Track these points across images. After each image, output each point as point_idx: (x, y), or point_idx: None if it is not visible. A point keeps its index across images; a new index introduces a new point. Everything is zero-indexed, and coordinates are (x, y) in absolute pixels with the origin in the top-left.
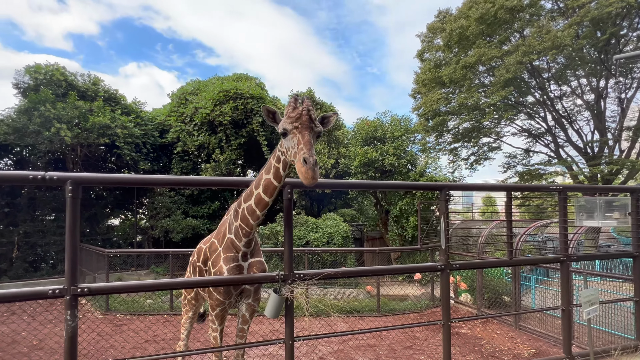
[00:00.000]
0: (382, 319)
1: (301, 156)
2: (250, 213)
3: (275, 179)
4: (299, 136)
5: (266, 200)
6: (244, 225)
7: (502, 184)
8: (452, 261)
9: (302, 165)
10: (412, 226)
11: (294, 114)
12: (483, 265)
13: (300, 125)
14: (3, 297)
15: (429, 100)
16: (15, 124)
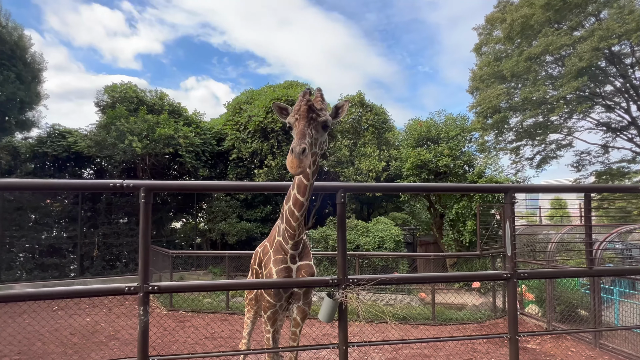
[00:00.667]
0: (438, 328)
1: (290, 146)
2: (290, 214)
3: (305, 178)
4: (296, 127)
5: (301, 200)
6: (288, 227)
7: (580, 184)
8: (517, 269)
9: (290, 154)
10: (470, 231)
11: (297, 106)
12: (558, 274)
13: (298, 117)
14: (89, 292)
15: (487, 96)
16: (96, 137)
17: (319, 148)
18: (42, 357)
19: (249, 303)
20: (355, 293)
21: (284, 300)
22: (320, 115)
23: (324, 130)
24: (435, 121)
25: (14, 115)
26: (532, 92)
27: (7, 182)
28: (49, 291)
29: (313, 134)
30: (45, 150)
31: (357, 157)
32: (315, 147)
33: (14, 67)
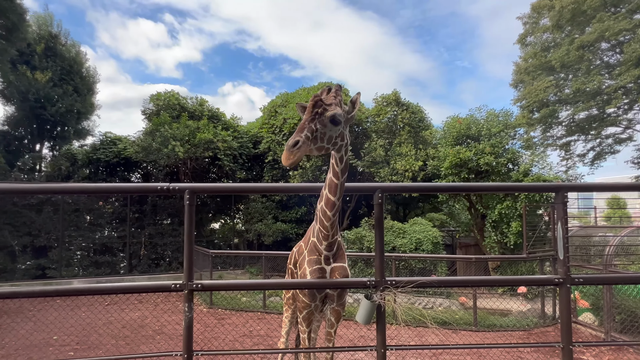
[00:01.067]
0: (480, 334)
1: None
2: (322, 214)
3: (334, 176)
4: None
5: (332, 200)
6: (321, 228)
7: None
8: (571, 274)
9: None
10: (515, 232)
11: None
12: (619, 281)
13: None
14: (140, 289)
15: (534, 89)
16: (142, 143)
17: (328, 142)
18: (98, 347)
19: (286, 302)
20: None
21: (319, 301)
22: (327, 109)
23: (333, 124)
24: (476, 117)
25: (72, 125)
26: (585, 82)
27: (72, 186)
28: (104, 287)
29: (318, 128)
30: (99, 156)
31: (392, 157)
32: (321, 141)
33: (72, 81)
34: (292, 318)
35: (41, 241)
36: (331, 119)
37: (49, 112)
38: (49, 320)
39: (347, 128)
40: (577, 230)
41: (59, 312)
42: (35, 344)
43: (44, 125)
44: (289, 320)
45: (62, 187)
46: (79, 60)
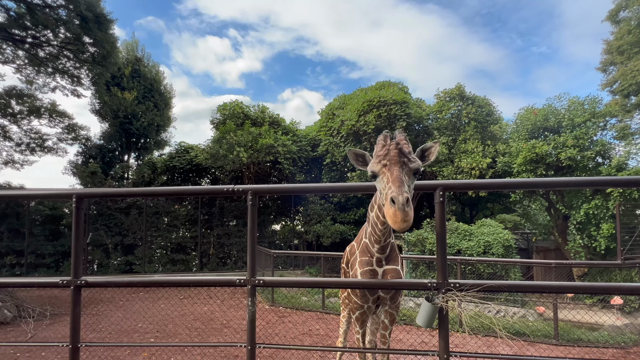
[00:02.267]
0: (562, 348)
1: (388, 195)
2: (375, 222)
3: (378, 220)
4: (387, 174)
5: (382, 219)
6: (373, 232)
7: None
8: None
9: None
10: (606, 235)
11: (382, 151)
12: None
13: (388, 162)
14: (208, 282)
15: (629, 70)
16: (211, 150)
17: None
18: (174, 336)
19: (343, 302)
20: (457, 298)
21: (371, 302)
22: (411, 160)
23: (414, 177)
24: (555, 107)
25: (152, 137)
26: None
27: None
28: (179, 279)
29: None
30: (174, 164)
31: (456, 155)
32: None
33: (152, 98)
34: (349, 318)
35: (129, 240)
36: (414, 172)
37: (134, 127)
38: (135, 309)
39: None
40: None
41: (143, 303)
42: (124, 330)
43: (130, 138)
44: (345, 320)
45: (145, 191)
46: (158, 79)
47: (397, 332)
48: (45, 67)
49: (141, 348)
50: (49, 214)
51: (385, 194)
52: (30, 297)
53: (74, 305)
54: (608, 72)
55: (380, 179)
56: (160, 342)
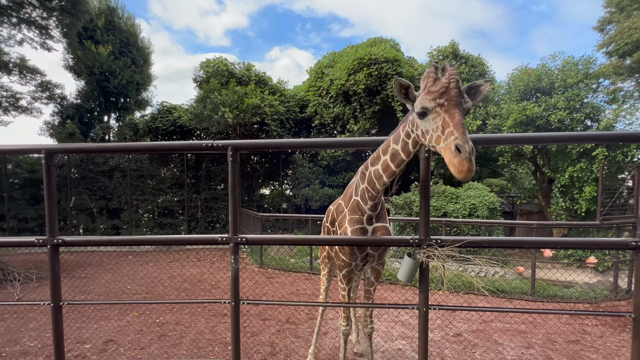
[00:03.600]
0: (538, 304)
1: (452, 143)
2: (377, 177)
3: (404, 153)
4: (444, 116)
5: (393, 169)
6: (370, 189)
7: None
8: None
9: (455, 154)
10: (588, 198)
11: (436, 87)
12: None
13: (446, 103)
14: (192, 241)
15: (626, 28)
16: (195, 111)
17: None
18: (163, 296)
19: (322, 261)
20: (437, 253)
21: (359, 260)
22: (465, 100)
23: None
24: (549, 68)
25: (132, 97)
26: None
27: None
28: (160, 238)
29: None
30: (157, 125)
31: None
32: None
33: (129, 53)
34: (329, 276)
35: (114, 204)
36: (466, 113)
37: (112, 85)
38: (124, 272)
39: None
40: None
41: (132, 266)
42: (113, 292)
43: (109, 97)
44: (326, 278)
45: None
46: (134, 32)
47: (382, 291)
48: (8, 17)
49: (131, 308)
50: (28, 177)
51: (447, 141)
52: (16, 262)
53: (52, 264)
54: (605, 32)
55: (431, 118)
56: (144, 300)
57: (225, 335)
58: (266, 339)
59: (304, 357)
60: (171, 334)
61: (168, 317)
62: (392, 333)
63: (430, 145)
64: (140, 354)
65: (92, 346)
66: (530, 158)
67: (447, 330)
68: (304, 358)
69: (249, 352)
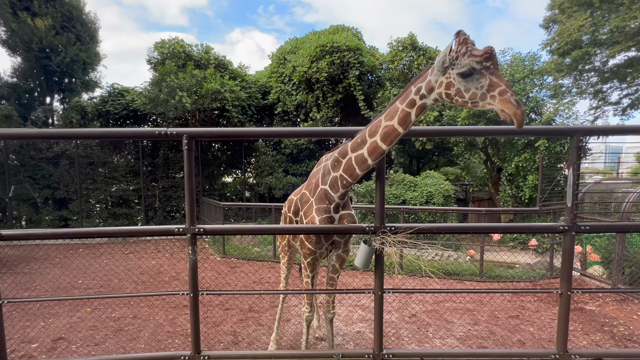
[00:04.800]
0: (485, 284)
1: (511, 98)
2: (359, 162)
3: (402, 125)
4: (491, 78)
5: (382, 149)
6: (347, 176)
7: None
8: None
9: (516, 107)
10: (531, 186)
11: (480, 52)
12: (627, 228)
13: (492, 66)
14: (147, 232)
15: (567, 29)
16: (149, 94)
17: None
18: (119, 290)
19: (282, 250)
20: (391, 240)
21: (324, 248)
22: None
23: None
24: (499, 62)
25: (78, 77)
26: (625, 19)
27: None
28: (119, 230)
29: None
30: (108, 108)
31: None
32: None
33: (73, 29)
34: (289, 264)
35: (61, 193)
36: None
37: (54, 63)
38: (74, 266)
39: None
40: (592, 185)
41: (83, 259)
42: (62, 287)
43: (51, 76)
44: (286, 267)
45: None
46: (77, 6)
47: (345, 277)
48: None
49: (83, 304)
50: None
51: (501, 97)
52: None
53: None
54: (549, 30)
55: (476, 78)
56: (97, 295)
57: (186, 327)
58: (228, 329)
59: (267, 344)
60: (128, 328)
61: (124, 311)
62: (352, 317)
63: (467, 101)
64: (95, 350)
65: (39, 345)
66: (482, 148)
67: (403, 312)
68: (267, 345)
69: (211, 342)
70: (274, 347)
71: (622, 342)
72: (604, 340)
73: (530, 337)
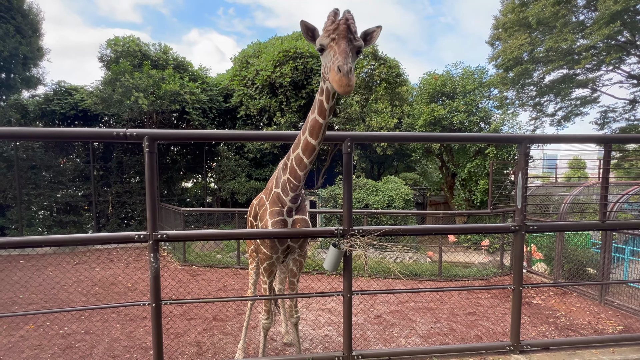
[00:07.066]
0: (444, 283)
1: (335, 65)
2: (297, 162)
3: (320, 115)
4: (335, 48)
5: (313, 144)
6: (292, 178)
7: (600, 134)
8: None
9: (336, 73)
10: (482, 190)
11: (331, 26)
12: (568, 227)
13: (337, 36)
14: (102, 239)
15: (509, 47)
16: (102, 94)
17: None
18: (67, 304)
19: (250, 255)
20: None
21: (280, 252)
22: (356, 38)
23: (356, 56)
24: (452, 74)
25: (18, 72)
26: (558, 41)
27: (20, 130)
28: (72, 237)
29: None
30: (53, 108)
31: (368, 114)
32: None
33: (12, 20)
34: (258, 269)
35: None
36: (357, 51)
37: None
38: (13, 280)
39: None
40: (535, 189)
41: (24, 272)
42: (0, 303)
43: None
44: (254, 272)
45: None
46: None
47: (310, 281)
48: None
49: (25, 320)
50: None
51: (332, 64)
52: None
53: None
54: (495, 47)
55: (327, 52)
56: (41, 310)
57: (145, 340)
58: (192, 339)
59: (233, 353)
60: (79, 344)
61: (75, 327)
62: (320, 320)
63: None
64: None
65: None
66: (437, 154)
67: (369, 314)
68: (233, 354)
69: (173, 354)
70: (241, 355)
71: (564, 331)
72: (549, 331)
73: (486, 332)
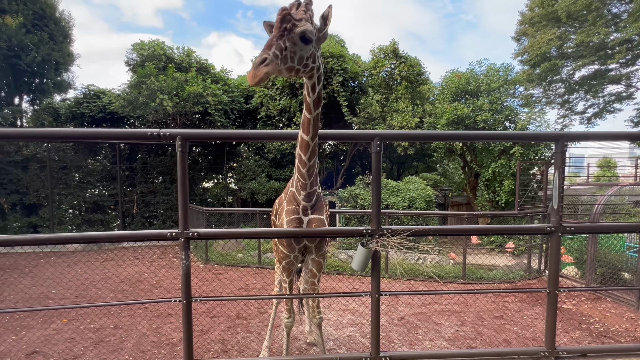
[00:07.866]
0: (468, 286)
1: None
2: (298, 159)
3: (306, 110)
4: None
5: (305, 140)
6: (299, 176)
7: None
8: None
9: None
10: (507, 191)
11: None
12: (608, 229)
13: (273, 30)
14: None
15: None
16: (128, 97)
17: (299, 63)
18: (97, 299)
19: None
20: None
21: (298, 252)
22: (297, 25)
23: (304, 42)
24: (476, 72)
25: (50, 77)
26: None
27: (62, 131)
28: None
29: (288, 46)
30: (83, 110)
31: (389, 113)
32: (292, 60)
33: (46, 27)
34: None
35: (30, 199)
36: (301, 37)
37: (24, 62)
38: (47, 276)
39: (319, 49)
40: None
41: (56, 268)
42: (34, 297)
43: (20, 76)
44: (280, 271)
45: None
46: (51, 4)
47: (331, 281)
48: None
49: (58, 315)
50: None
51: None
52: None
53: None
54: (520, 42)
55: None
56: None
57: (171, 336)
58: (216, 337)
59: (258, 351)
60: (109, 339)
61: (104, 322)
62: (342, 321)
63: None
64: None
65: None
66: (460, 154)
67: (392, 315)
68: (258, 352)
69: (200, 350)
70: (266, 353)
71: (599, 338)
72: (582, 337)
73: (515, 337)
